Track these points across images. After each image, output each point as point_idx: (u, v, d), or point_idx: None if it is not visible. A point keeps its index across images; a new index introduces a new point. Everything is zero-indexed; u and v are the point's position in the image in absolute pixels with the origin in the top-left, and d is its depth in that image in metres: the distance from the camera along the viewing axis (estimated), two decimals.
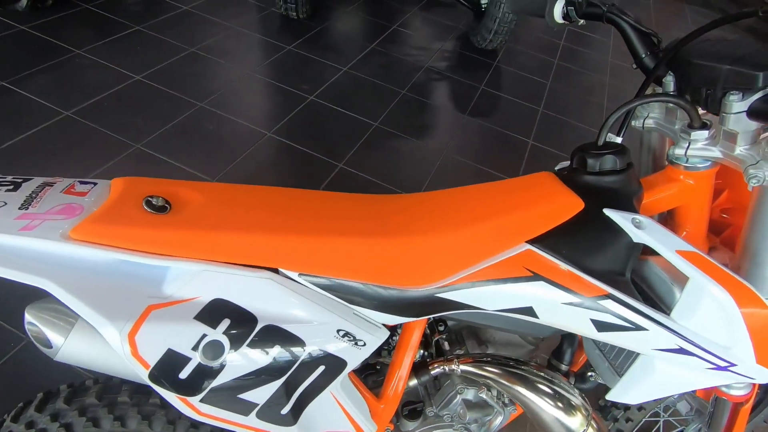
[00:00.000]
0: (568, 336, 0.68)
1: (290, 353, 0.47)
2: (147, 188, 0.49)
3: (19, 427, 0.51)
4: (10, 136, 1.57)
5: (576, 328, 0.53)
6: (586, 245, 0.52)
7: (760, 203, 0.51)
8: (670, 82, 0.57)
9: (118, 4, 2.37)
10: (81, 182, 0.49)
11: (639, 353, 0.53)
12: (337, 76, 2.27)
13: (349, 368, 0.50)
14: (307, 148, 1.81)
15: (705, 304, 0.49)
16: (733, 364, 0.48)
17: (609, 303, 0.50)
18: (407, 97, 2.24)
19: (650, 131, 0.64)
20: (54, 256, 0.41)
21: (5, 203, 0.43)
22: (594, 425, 0.60)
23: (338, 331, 0.48)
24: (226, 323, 0.44)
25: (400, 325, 0.61)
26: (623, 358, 0.57)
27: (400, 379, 0.59)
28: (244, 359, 0.46)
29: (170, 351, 0.43)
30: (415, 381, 0.62)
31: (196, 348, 0.44)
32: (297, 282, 0.48)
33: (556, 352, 0.68)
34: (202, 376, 0.45)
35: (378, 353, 0.65)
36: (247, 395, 0.47)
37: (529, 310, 0.52)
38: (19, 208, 0.43)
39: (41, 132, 1.62)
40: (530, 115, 2.34)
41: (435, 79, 2.45)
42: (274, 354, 0.46)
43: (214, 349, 0.45)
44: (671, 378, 0.51)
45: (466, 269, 0.51)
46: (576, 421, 0.59)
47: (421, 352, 0.68)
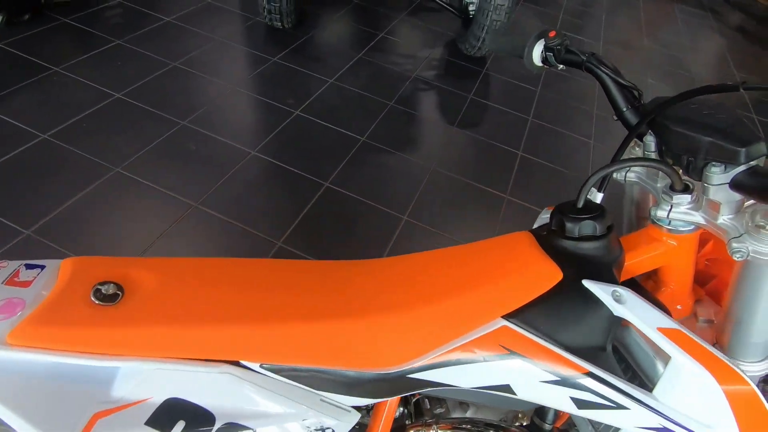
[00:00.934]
0: None
1: None
2: (98, 271, 0.46)
3: None
4: None
5: (555, 405, 0.51)
6: (564, 320, 0.49)
7: (744, 276, 0.49)
8: (651, 142, 0.55)
9: (97, 17, 2.31)
10: (28, 266, 0.46)
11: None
12: (323, 88, 2.23)
13: None
14: (292, 167, 1.78)
15: (687, 382, 0.47)
16: None
17: (589, 381, 0.48)
18: (395, 109, 2.21)
19: (632, 185, 0.62)
20: None
21: None
22: None
23: (304, 421, 0.46)
24: (180, 425, 0.42)
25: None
26: (607, 425, 0.56)
27: None
28: None
29: None
30: None
31: None
32: (258, 373, 0.45)
33: (540, 410, 0.67)
34: None
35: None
36: None
37: (507, 388, 0.50)
38: None
39: (17, 157, 1.57)
40: (519, 124, 2.32)
41: (423, 90, 2.42)
42: None
43: None
44: None
45: (439, 348, 0.49)
46: None
47: (400, 409, 0.66)
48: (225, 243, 1.47)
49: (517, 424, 0.68)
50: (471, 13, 2.65)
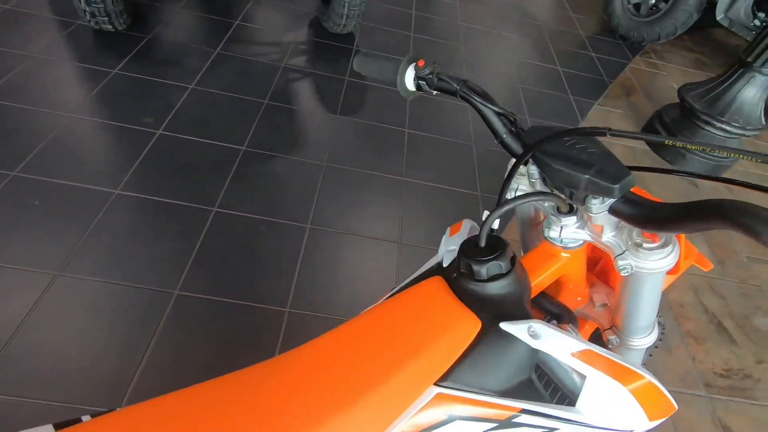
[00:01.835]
0: None
1: None
2: None
3: None
4: None
5: None
6: (491, 368, 0.50)
7: (629, 283, 0.56)
8: (534, 170, 0.57)
9: None
10: None
11: None
12: (184, 97, 1.98)
13: None
14: (170, 198, 1.58)
15: (603, 393, 0.51)
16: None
17: (523, 418, 0.50)
18: (271, 107, 2.06)
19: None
20: None
21: None
22: None
23: None
24: None
25: None
26: None
27: None
28: None
29: None
30: None
31: None
32: None
33: None
34: None
35: None
36: None
37: None
38: None
39: None
40: (400, 101, 2.33)
41: (296, 79, 2.28)
42: None
43: None
44: None
45: None
46: None
47: None
48: (109, 309, 1.27)
49: None
50: None
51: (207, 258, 1.44)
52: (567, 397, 0.55)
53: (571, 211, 0.55)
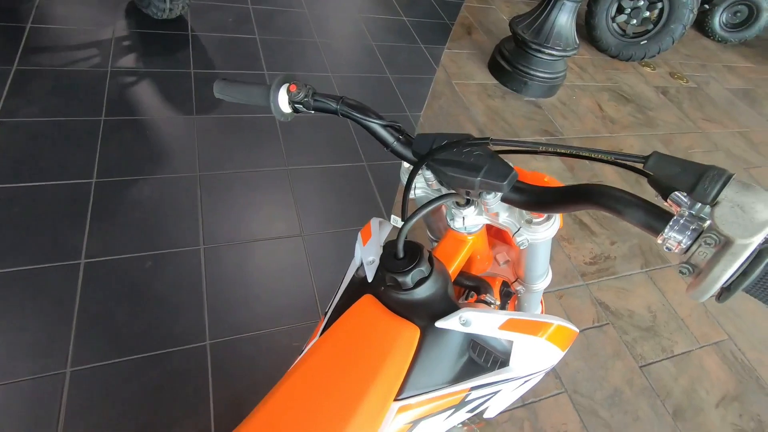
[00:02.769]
0: None
1: None
2: None
3: None
4: None
5: (457, 422, 0.59)
6: (438, 365, 0.55)
7: (526, 251, 0.64)
8: (429, 175, 0.60)
9: None
10: None
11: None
12: None
13: None
14: (23, 264, 1.32)
15: (528, 349, 0.59)
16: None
17: (473, 394, 0.56)
18: (112, 123, 1.78)
19: (423, 198, 0.69)
20: None
21: None
22: None
23: None
24: None
25: None
26: None
27: None
28: None
29: None
30: None
31: None
32: None
33: None
34: None
35: None
36: None
37: None
38: None
39: None
40: (257, 83, 2.18)
41: (132, 84, 1.98)
42: None
43: None
44: (516, 393, 0.64)
45: None
46: None
47: None
48: None
49: None
50: None
51: (92, 319, 1.27)
52: (500, 359, 0.63)
53: (469, 203, 0.60)
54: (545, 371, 0.65)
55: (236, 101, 0.68)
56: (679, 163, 0.39)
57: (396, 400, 0.52)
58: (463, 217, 0.62)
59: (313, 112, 0.64)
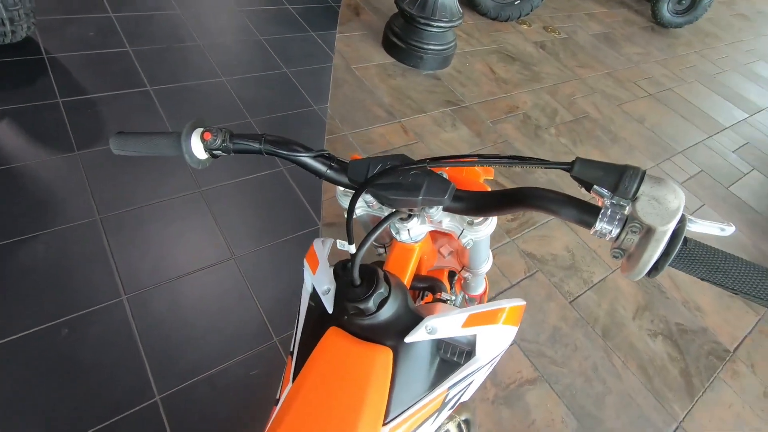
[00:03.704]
0: None
1: None
2: None
3: None
4: None
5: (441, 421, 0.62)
6: (415, 377, 0.57)
7: (470, 249, 0.68)
8: (370, 198, 0.60)
9: None
10: None
11: None
12: None
13: None
14: None
15: (489, 337, 0.64)
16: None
17: (451, 393, 0.60)
18: None
19: (363, 215, 0.70)
20: None
21: None
22: None
23: None
24: None
25: None
26: None
27: None
28: None
29: None
30: None
31: None
32: None
33: None
34: None
35: None
36: None
37: None
38: None
39: None
40: (143, 101, 1.98)
41: None
42: None
43: None
44: (485, 374, 0.69)
45: None
46: None
47: None
48: None
49: None
50: None
51: (13, 412, 1.11)
52: (466, 350, 0.67)
53: (412, 216, 0.62)
54: (506, 349, 0.71)
55: (141, 155, 0.61)
56: (599, 166, 0.44)
57: (384, 424, 0.53)
58: (408, 230, 0.63)
59: (233, 154, 0.60)
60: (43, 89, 1.86)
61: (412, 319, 0.58)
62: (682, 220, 0.40)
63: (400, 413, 0.55)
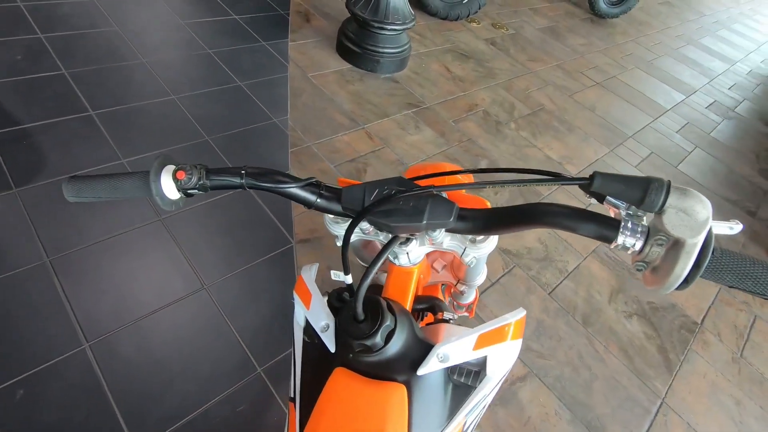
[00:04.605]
0: None
1: None
2: None
3: None
4: None
5: None
6: (432, 409, 0.54)
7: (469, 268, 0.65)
8: (366, 226, 0.57)
9: None
10: None
11: None
12: None
13: None
14: None
15: (500, 355, 0.61)
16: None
17: (468, 419, 0.57)
18: None
19: (356, 240, 0.66)
20: None
21: None
22: None
23: None
24: None
25: None
26: None
27: None
28: None
29: None
30: None
31: None
32: None
33: None
34: None
35: None
36: None
37: None
38: None
39: None
40: (86, 127, 1.83)
41: None
42: None
43: None
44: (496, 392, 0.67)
45: None
46: None
47: None
48: None
49: None
50: None
51: None
52: (478, 370, 0.64)
53: (410, 240, 0.58)
54: (514, 361, 0.69)
55: (102, 200, 0.54)
56: (621, 179, 0.42)
57: None
58: (407, 253, 0.60)
59: (211, 191, 0.55)
60: None
61: (421, 349, 0.55)
62: (710, 230, 0.39)
63: None
